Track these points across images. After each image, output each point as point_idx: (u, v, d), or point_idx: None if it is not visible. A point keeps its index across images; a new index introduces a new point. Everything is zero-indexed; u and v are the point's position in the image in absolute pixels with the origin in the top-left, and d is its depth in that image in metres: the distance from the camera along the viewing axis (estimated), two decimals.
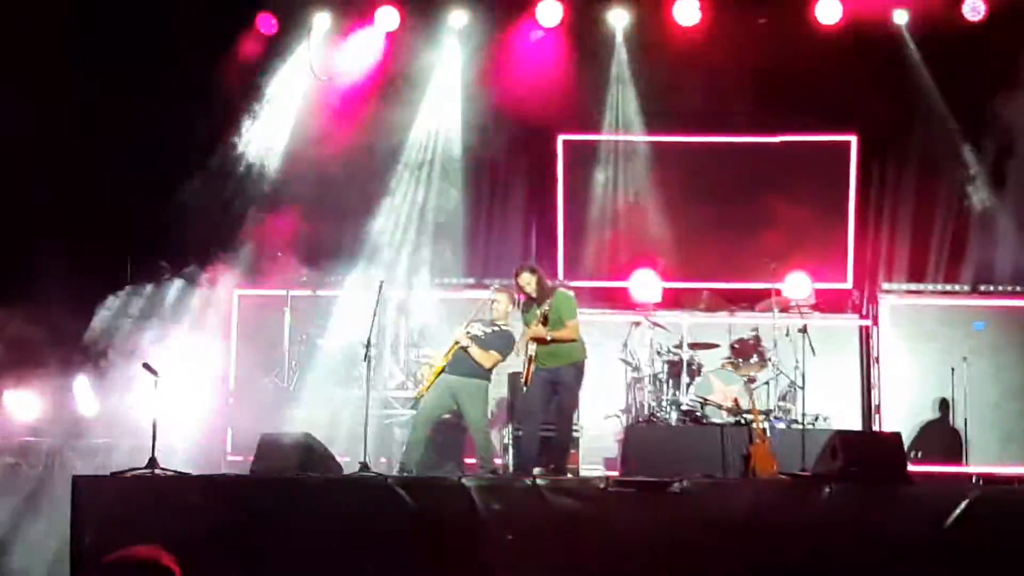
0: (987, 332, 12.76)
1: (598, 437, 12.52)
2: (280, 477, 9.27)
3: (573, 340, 10.60)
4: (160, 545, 4.10)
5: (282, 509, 8.90)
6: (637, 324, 12.56)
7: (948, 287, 13.49)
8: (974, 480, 12.03)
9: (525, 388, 10.65)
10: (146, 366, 9.96)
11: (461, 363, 10.57)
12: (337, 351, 12.04)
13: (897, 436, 10.16)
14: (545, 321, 10.40)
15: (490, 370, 10.67)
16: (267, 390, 12.24)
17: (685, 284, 13.45)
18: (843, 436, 9.82)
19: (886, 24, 13.48)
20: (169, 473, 9.47)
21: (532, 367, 10.48)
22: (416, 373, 12.17)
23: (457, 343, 10.56)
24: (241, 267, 12.82)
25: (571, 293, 10.80)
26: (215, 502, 8.94)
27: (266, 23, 13.41)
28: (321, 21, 13.55)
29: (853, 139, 13.89)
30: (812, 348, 11.62)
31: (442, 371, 10.58)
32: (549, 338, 10.43)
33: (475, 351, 10.52)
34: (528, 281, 10.59)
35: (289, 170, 13.34)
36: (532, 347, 10.46)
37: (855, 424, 12.97)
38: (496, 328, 10.73)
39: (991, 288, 13.34)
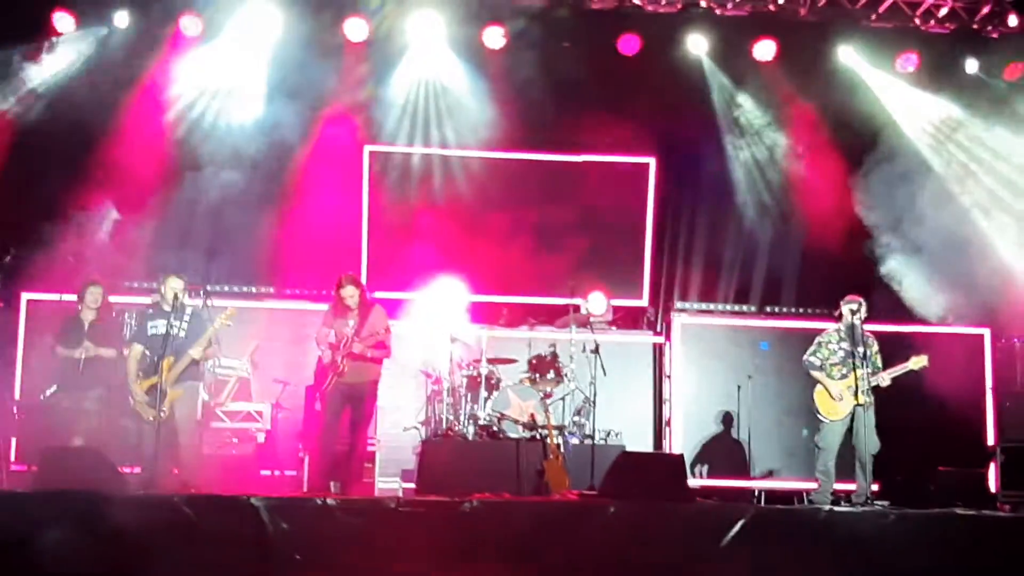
0: (772, 352, 13.35)
1: (396, 449, 12.56)
2: (61, 492, 8.95)
3: (387, 357, 10.64)
4: None
5: (63, 526, 8.62)
6: (438, 337, 12.67)
7: (737, 307, 14.08)
8: (756, 494, 12.62)
9: (319, 403, 10.61)
10: None
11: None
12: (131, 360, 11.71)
13: (679, 457, 10.53)
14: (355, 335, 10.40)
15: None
16: (56, 399, 11.84)
17: (486, 298, 13.60)
18: (627, 456, 10.10)
19: (686, 52, 13.88)
20: None
21: (334, 380, 10.45)
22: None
23: (195, 360, 10.20)
24: (31, 271, 12.38)
25: (384, 311, 10.80)
26: None
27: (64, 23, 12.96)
28: (120, 20, 13.17)
29: (652, 161, 14.28)
30: (603, 368, 11.95)
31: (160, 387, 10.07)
32: (369, 355, 10.45)
33: (198, 351, 10.17)
34: (352, 294, 10.58)
35: (86, 172, 12.86)
36: (343, 361, 10.43)
37: (647, 438, 13.38)
38: (187, 315, 10.30)
39: (776, 310, 13.98)
